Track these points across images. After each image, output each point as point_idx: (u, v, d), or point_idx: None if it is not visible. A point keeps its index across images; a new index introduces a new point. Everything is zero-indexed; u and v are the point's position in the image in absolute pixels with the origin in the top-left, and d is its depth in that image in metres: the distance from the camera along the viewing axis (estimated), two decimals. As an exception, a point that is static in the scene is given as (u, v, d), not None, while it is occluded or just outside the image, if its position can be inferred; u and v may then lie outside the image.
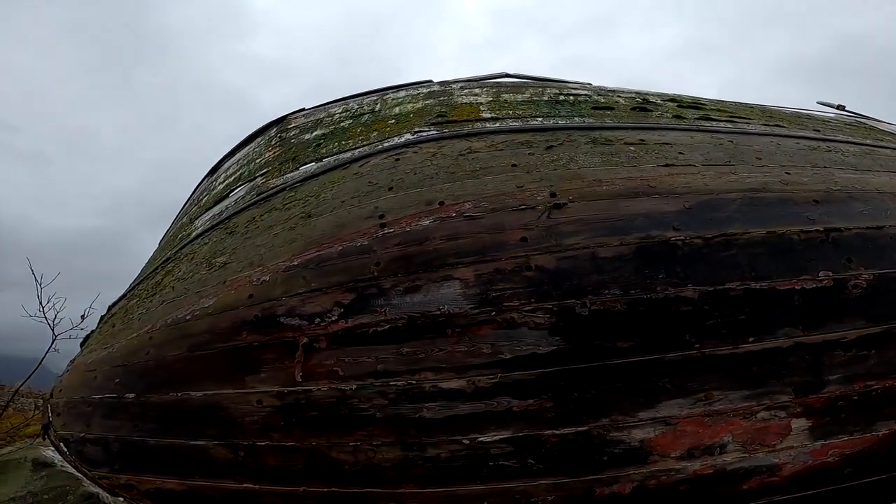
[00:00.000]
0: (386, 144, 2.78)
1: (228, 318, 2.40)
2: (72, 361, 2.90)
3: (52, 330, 4.38)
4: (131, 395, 2.52)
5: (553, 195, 2.33)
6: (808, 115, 3.28)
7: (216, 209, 3.09)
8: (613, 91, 3.21)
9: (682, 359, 2.12)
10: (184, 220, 3.49)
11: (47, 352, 4.39)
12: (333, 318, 2.26)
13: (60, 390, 2.76)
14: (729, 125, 2.82)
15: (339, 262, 2.33)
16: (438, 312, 2.19)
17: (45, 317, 4.41)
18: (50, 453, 4.66)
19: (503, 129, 2.74)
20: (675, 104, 3.03)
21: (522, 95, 3.12)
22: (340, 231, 2.40)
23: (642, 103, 3.00)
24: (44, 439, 2.84)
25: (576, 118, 2.84)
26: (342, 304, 2.26)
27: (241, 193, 3.01)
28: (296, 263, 2.38)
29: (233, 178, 3.31)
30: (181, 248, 2.98)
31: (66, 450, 2.63)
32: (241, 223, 2.75)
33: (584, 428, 2.12)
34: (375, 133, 2.93)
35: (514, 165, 2.48)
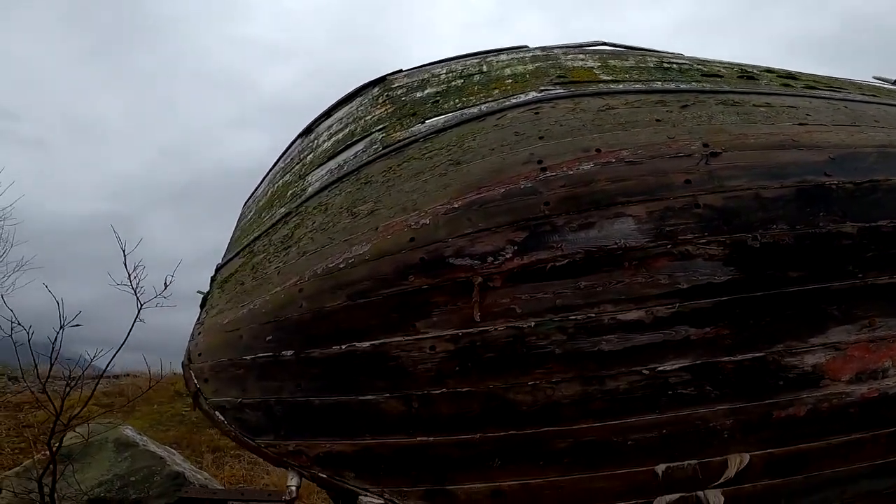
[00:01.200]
0: (514, 101, 2.84)
1: (390, 262, 2.38)
2: (200, 323, 2.76)
3: (138, 299, 4.18)
4: (289, 353, 2.41)
5: (706, 145, 2.44)
6: (880, 87, 3.52)
7: (331, 164, 3.07)
8: (709, 61, 3.37)
9: (848, 287, 2.25)
10: (286, 177, 3.43)
11: (134, 322, 4.18)
12: (508, 256, 2.29)
13: (199, 354, 2.60)
14: (833, 93, 3.01)
15: (504, 203, 2.37)
16: (615, 246, 2.25)
17: (132, 285, 4.21)
18: (129, 432, 4.43)
19: (631, 90, 2.85)
20: (774, 74, 3.21)
21: (627, 62, 3.25)
22: (499, 175, 2.44)
23: (745, 72, 3.17)
24: (194, 409, 2.67)
25: (693, 83, 2.98)
26: (515, 242, 2.30)
27: (361, 147, 3.01)
28: (456, 206, 2.41)
29: (340, 134, 3.29)
30: (302, 203, 2.94)
31: (222, 418, 2.46)
32: (375, 173, 2.75)
33: (760, 354, 2.21)
34: (497, 91, 2.99)
35: (657, 120, 2.58)
